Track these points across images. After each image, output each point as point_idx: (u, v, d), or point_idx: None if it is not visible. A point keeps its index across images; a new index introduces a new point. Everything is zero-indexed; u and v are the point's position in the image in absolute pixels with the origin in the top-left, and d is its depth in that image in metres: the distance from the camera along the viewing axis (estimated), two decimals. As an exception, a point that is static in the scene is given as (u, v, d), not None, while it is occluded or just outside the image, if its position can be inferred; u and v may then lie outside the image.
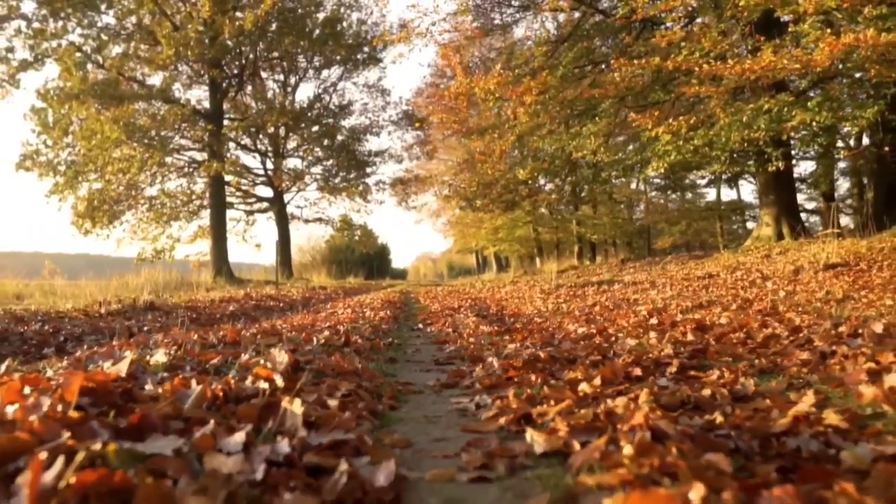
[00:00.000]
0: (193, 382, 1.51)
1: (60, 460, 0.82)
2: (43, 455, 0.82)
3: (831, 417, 1.53)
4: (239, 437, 1.12)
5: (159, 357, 1.95)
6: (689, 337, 3.26)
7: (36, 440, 0.97)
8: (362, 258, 39.60)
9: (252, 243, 26.63)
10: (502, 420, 1.55)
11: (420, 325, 5.58)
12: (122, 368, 1.57)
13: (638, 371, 2.29)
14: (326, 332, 3.12)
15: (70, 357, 2.36)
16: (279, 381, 1.65)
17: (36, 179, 22.09)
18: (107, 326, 4.58)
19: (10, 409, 1.13)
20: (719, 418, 1.43)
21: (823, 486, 1.00)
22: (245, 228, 26.01)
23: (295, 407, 1.27)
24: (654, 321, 4.24)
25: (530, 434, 1.27)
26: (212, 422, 1.19)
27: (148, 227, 23.71)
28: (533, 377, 2.10)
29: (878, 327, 2.69)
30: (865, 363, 2.13)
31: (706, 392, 1.87)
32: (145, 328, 4.84)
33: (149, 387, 1.48)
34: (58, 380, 1.46)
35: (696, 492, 0.85)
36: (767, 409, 1.67)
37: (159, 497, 0.79)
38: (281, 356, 1.95)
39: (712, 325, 3.74)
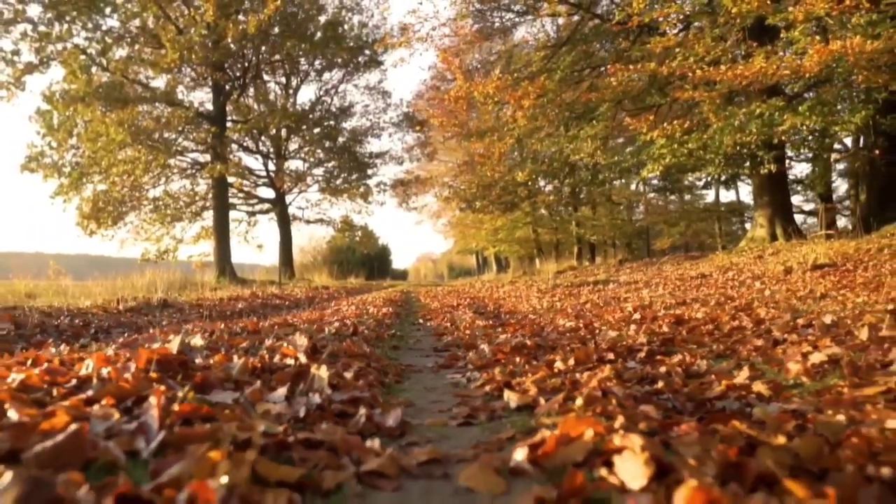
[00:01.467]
0: (235, 357, 1.84)
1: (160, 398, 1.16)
2: (161, 388, 1.16)
3: (759, 387, 1.86)
4: (281, 391, 1.45)
5: (197, 341, 2.28)
6: (665, 329, 3.59)
7: (133, 390, 1.30)
8: (363, 259, 39.87)
9: (254, 244, 26.96)
10: (487, 388, 1.89)
11: (420, 321, 5.91)
12: (174, 347, 1.89)
13: (611, 355, 2.62)
14: (336, 324, 3.46)
15: (116, 342, 2.69)
16: (303, 359, 1.99)
17: (41, 181, 22.37)
18: (128, 321, 4.91)
19: (105, 371, 1.47)
20: (661, 385, 1.76)
21: (722, 425, 1.34)
22: (247, 229, 26.33)
23: (322, 372, 1.60)
24: (637, 316, 4.56)
25: (507, 394, 1.61)
26: (258, 382, 1.52)
27: (151, 228, 23.96)
28: (518, 359, 2.43)
29: (828, 319, 3.02)
30: (805, 347, 2.46)
31: (663, 370, 2.20)
32: (163, 323, 5.17)
33: (198, 360, 1.81)
34: (124, 355, 1.79)
35: (618, 421, 1.17)
36: (710, 382, 2.01)
37: (236, 418, 1.12)
38: (301, 340, 2.29)
39: (689, 319, 4.07)
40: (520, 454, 1.03)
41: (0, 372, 1.66)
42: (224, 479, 0.78)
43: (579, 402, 1.39)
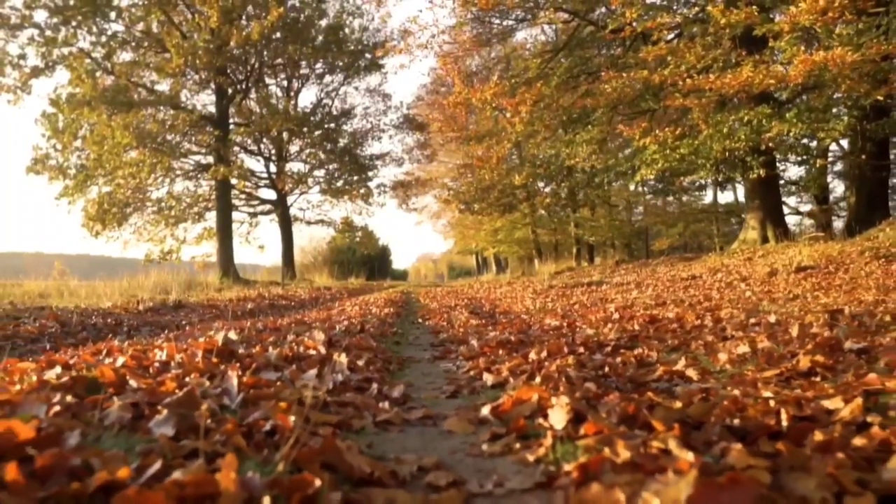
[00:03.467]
0: (270, 348, 2.30)
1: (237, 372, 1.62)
2: (236, 365, 1.63)
3: (691, 372, 2.33)
4: (311, 372, 1.91)
5: (233, 336, 2.74)
6: (636, 327, 4.05)
7: (206, 369, 1.76)
8: (363, 259, 40.11)
9: (255, 245, 27.29)
10: (472, 372, 2.35)
11: (420, 320, 6.38)
12: (219, 339, 2.35)
13: (581, 349, 3.08)
14: (345, 323, 3.93)
15: (151, 337, 3.15)
16: (323, 350, 2.45)
17: (46, 183, 22.75)
18: (153, 320, 5.38)
19: (178, 357, 1.93)
20: (608, 370, 2.23)
21: (639, 395, 1.80)
22: (249, 230, 26.68)
23: (342, 359, 2.07)
24: (616, 316, 5.02)
25: (486, 375, 2.07)
26: (293, 366, 1.99)
27: (154, 229, 24.28)
28: (500, 352, 2.90)
29: (773, 318, 3.48)
30: (743, 342, 2.93)
31: (619, 360, 2.67)
32: (183, 322, 5.64)
33: (241, 350, 2.27)
34: (181, 346, 2.26)
35: (560, 391, 1.64)
36: (655, 368, 2.47)
37: (285, 388, 1.58)
38: (319, 335, 2.75)
39: (661, 318, 4.54)
40: (485, 410, 1.49)
41: (86, 358, 2.12)
42: (292, 419, 1.23)
43: (538, 379, 1.85)
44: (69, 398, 1.30)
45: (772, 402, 1.57)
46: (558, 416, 1.37)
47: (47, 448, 0.95)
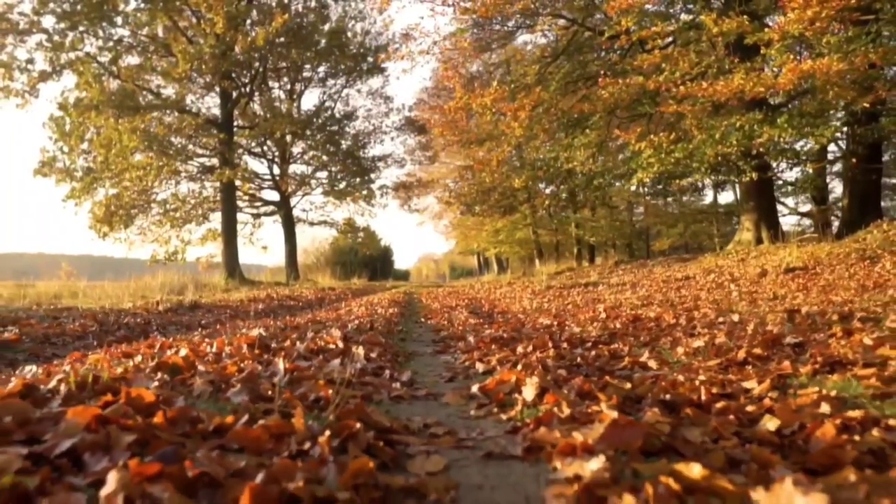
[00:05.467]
0: (297, 343, 2.75)
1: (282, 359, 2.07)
2: (282, 354, 2.08)
3: (651, 363, 2.77)
4: (335, 362, 2.36)
5: (261, 331, 3.18)
6: (618, 325, 4.49)
7: (252, 357, 2.21)
8: (366, 259, 40.35)
9: (258, 245, 27.54)
10: (467, 363, 2.79)
11: (422, 319, 6.83)
12: (254, 334, 2.79)
13: (565, 344, 3.52)
14: (356, 322, 4.38)
15: (194, 334, 3.61)
16: (341, 344, 2.90)
17: (53, 185, 23.14)
18: (176, 320, 5.84)
19: (227, 349, 2.38)
20: (581, 360, 2.68)
21: (600, 380, 2.25)
22: (252, 231, 27.00)
23: (359, 351, 2.51)
24: (603, 315, 5.46)
25: (478, 364, 2.51)
26: (319, 356, 2.44)
27: (159, 231, 24.58)
28: (493, 346, 3.34)
29: (735, 318, 3.92)
30: (704, 337, 3.37)
31: (594, 353, 3.11)
32: (202, 321, 6.09)
33: (274, 344, 2.72)
34: (226, 340, 2.71)
35: (535, 372, 2.08)
36: (623, 359, 2.92)
37: (318, 371, 2.02)
38: (336, 332, 3.20)
39: (643, 317, 4.98)
40: (474, 388, 1.93)
41: (145, 351, 2.57)
42: (331, 391, 1.67)
43: (520, 366, 2.29)
44: (164, 376, 1.74)
45: (697, 383, 2.01)
46: (529, 391, 1.80)
47: (166, 406, 1.39)
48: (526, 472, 1.19)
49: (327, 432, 1.21)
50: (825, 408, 1.66)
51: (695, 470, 1.05)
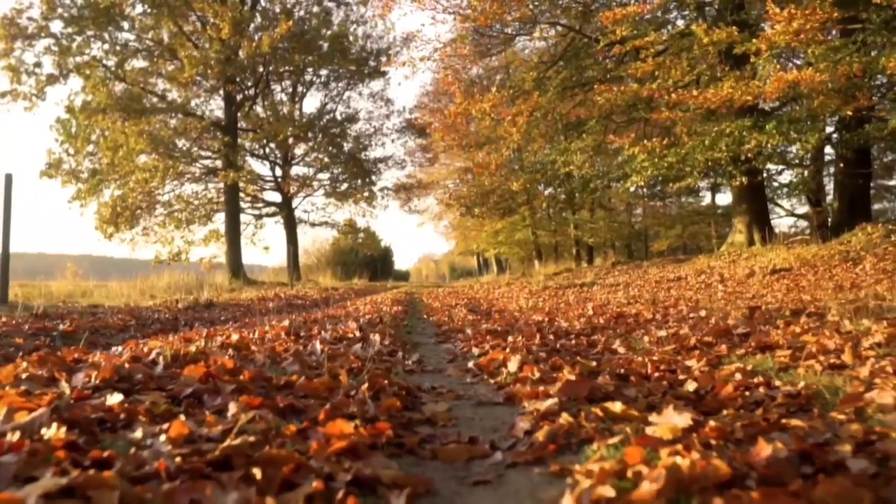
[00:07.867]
0: (322, 332, 3.28)
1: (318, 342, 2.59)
2: (317, 338, 2.60)
3: (620, 349, 3.30)
4: (356, 346, 2.89)
5: (287, 323, 3.71)
6: (601, 321, 5.01)
7: (290, 343, 2.73)
8: (366, 260, 40.67)
9: (260, 246, 27.92)
10: (465, 349, 3.33)
11: (425, 316, 7.36)
12: (285, 325, 3.30)
13: (551, 336, 4.04)
14: (367, 317, 4.90)
15: (231, 327, 4.14)
16: (358, 334, 3.42)
17: (59, 186, 23.55)
18: (198, 316, 6.36)
19: (268, 336, 2.90)
20: (560, 347, 3.20)
21: (571, 358, 2.78)
22: (254, 232, 27.42)
23: (376, 338, 3.04)
24: (591, 312, 5.98)
25: (474, 349, 3.04)
26: (343, 342, 2.96)
27: (163, 231, 24.93)
28: (488, 337, 3.87)
29: (703, 313, 4.44)
30: (669, 329, 3.89)
31: (574, 342, 3.64)
32: (222, 318, 6.61)
33: (302, 333, 3.24)
34: (264, 329, 3.23)
35: (517, 354, 2.60)
36: (597, 346, 3.44)
37: (346, 351, 2.54)
38: (352, 324, 3.72)
39: (625, 314, 5.49)
40: (470, 363, 2.46)
41: (192, 337, 3.10)
42: (359, 363, 2.18)
43: (508, 350, 2.82)
44: (231, 352, 2.26)
45: (647, 361, 2.54)
46: (513, 365, 2.32)
47: (245, 370, 1.91)
48: (505, 411, 1.72)
49: (365, 384, 1.73)
50: (738, 377, 2.18)
51: (617, 406, 1.57)
